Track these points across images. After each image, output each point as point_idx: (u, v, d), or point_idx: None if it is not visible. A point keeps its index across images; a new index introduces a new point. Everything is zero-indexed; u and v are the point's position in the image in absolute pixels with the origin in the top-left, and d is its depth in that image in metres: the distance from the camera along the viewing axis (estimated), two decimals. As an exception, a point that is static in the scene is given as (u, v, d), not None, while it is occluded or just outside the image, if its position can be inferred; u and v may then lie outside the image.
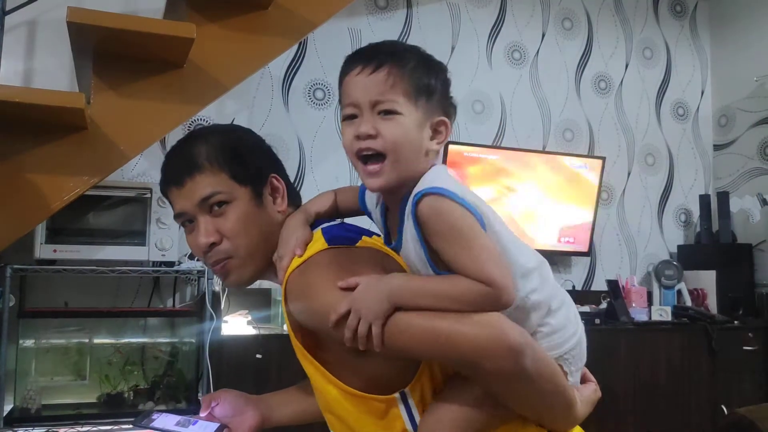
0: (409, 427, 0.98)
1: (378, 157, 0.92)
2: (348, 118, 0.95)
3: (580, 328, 1.03)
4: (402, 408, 0.97)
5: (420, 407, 0.98)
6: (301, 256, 0.99)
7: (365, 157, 0.93)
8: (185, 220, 1.12)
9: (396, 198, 0.97)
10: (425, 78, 0.95)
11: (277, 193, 1.15)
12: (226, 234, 1.08)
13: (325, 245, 1.00)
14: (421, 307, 0.87)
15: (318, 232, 1.05)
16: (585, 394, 1.04)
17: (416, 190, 0.91)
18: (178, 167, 1.11)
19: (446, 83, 0.99)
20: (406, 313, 0.88)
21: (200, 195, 1.08)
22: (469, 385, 0.94)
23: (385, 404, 0.98)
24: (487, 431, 0.96)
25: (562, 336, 0.99)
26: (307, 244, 1.02)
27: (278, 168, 1.18)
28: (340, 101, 0.98)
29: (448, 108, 0.98)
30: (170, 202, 1.15)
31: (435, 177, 0.93)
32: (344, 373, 0.99)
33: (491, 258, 0.87)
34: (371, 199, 1.09)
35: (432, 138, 0.96)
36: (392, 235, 1.03)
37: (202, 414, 1.24)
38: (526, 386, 0.90)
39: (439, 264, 0.92)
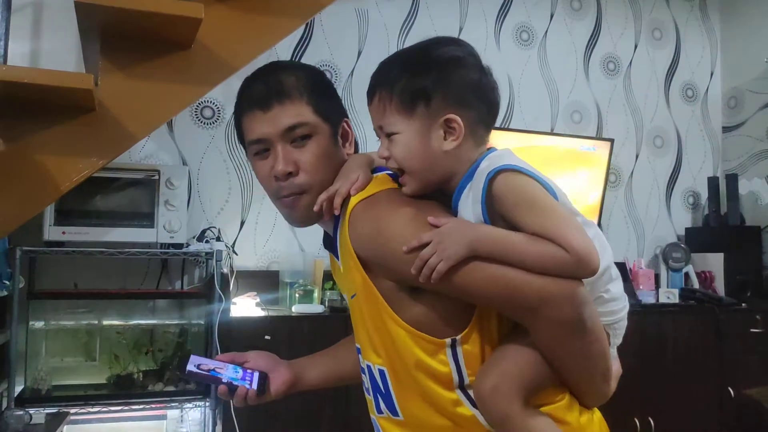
0: (455, 377, 0.98)
1: (401, 171, 1.01)
2: (378, 137, 1.06)
3: (627, 301, 1.06)
4: (450, 355, 0.97)
5: (468, 360, 0.97)
6: (354, 195, 1.01)
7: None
8: (262, 147, 1.10)
9: (449, 190, 1.02)
10: (414, 89, 0.97)
11: (346, 138, 1.16)
12: (304, 167, 1.08)
13: (395, 185, 1.03)
14: (499, 258, 0.90)
15: (384, 175, 1.06)
16: (613, 369, 1.05)
17: (487, 170, 0.94)
18: (266, 91, 1.09)
19: (445, 81, 0.97)
20: (481, 261, 0.91)
21: (287, 123, 1.08)
22: (531, 342, 0.95)
23: (434, 346, 0.97)
24: (539, 393, 0.97)
25: (618, 304, 1.03)
26: (366, 185, 1.03)
27: (347, 114, 1.20)
28: None
29: (462, 100, 0.98)
30: (243, 127, 1.13)
31: (500, 157, 0.97)
32: (396, 308, 0.99)
33: (571, 225, 0.90)
34: None
35: (446, 137, 0.98)
36: None
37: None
38: (579, 340, 0.93)
39: None
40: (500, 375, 0.94)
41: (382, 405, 1.06)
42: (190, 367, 1.18)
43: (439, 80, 0.97)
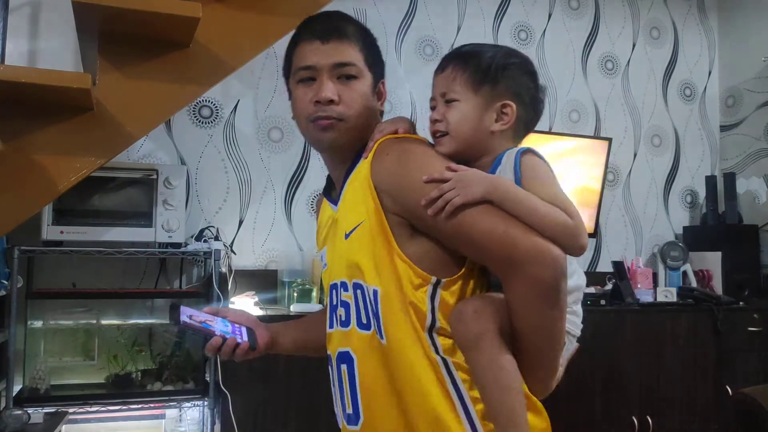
0: (428, 318, 1.05)
1: (444, 134, 1.13)
2: (431, 108, 1.17)
3: (580, 330, 1.19)
4: (429, 293, 1.06)
5: (441, 307, 1.05)
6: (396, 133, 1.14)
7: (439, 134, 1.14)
8: (307, 76, 1.18)
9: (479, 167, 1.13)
10: (485, 72, 1.11)
11: (380, 97, 1.26)
12: (345, 101, 1.17)
13: (426, 140, 1.16)
14: (509, 210, 1.00)
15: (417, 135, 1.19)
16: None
17: (515, 151, 1.09)
18: (328, 27, 1.19)
19: (513, 77, 1.12)
20: (491, 207, 1.01)
21: (340, 59, 1.17)
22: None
23: (421, 280, 1.06)
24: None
25: (579, 321, 1.16)
26: (406, 133, 1.16)
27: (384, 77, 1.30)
28: None
29: (520, 97, 1.12)
30: (294, 55, 1.21)
31: (525, 146, 1.11)
32: (398, 241, 1.08)
33: (573, 204, 1.03)
34: None
35: (497, 120, 1.11)
36: None
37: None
38: (548, 309, 1.00)
39: None
40: (483, 303, 1.03)
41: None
42: (184, 317, 1.18)
43: (509, 74, 1.12)
